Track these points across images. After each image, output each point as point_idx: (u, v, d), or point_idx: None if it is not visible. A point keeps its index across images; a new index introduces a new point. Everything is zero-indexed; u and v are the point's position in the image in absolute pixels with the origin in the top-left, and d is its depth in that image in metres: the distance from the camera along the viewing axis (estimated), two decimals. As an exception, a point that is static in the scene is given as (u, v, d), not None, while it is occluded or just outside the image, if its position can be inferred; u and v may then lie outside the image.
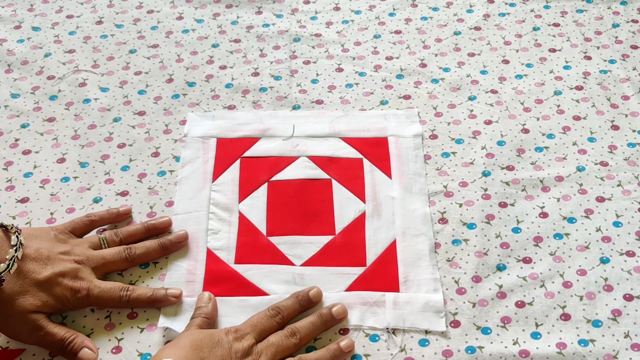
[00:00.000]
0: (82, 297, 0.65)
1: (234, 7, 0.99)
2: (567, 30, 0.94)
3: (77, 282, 0.65)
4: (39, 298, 0.63)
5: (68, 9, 0.98)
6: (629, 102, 0.85)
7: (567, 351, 0.64)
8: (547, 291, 0.68)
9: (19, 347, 0.65)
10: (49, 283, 0.63)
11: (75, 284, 0.64)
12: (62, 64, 0.91)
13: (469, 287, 0.69)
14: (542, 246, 0.72)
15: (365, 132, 0.82)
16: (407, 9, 0.98)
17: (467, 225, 0.74)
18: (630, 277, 0.69)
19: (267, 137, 0.82)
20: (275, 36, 0.94)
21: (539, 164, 0.79)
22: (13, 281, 0.62)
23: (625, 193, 0.76)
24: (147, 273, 0.70)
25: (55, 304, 0.64)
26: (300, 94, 0.87)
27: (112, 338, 0.65)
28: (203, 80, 0.89)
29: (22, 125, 0.83)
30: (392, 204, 0.75)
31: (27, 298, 0.62)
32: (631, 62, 0.90)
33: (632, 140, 0.81)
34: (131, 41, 0.94)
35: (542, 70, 0.89)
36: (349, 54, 0.92)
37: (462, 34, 0.94)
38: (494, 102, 0.85)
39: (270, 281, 0.69)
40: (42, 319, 0.63)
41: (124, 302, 0.66)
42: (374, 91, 0.87)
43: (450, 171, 0.78)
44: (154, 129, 0.83)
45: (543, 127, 0.83)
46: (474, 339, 0.65)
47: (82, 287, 0.65)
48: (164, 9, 0.98)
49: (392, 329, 0.66)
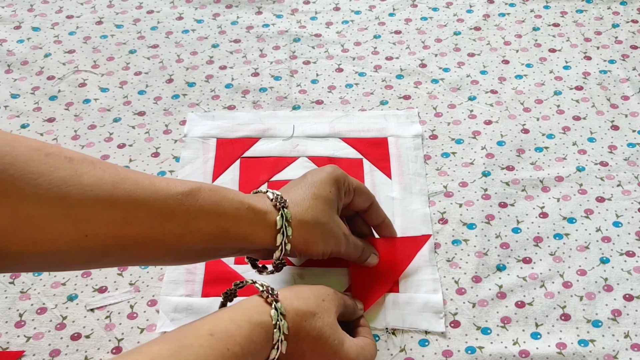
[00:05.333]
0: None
1: (234, 7, 0.99)
2: (567, 30, 0.94)
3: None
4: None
5: (68, 9, 0.98)
6: (629, 102, 0.85)
7: (567, 351, 0.64)
8: (547, 291, 0.68)
9: (20, 349, 0.65)
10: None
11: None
12: (62, 64, 0.91)
13: (468, 287, 0.69)
14: (542, 246, 0.72)
15: (365, 133, 0.82)
16: (407, 9, 0.98)
17: (467, 226, 0.73)
18: (630, 277, 0.69)
19: (267, 137, 0.82)
20: (275, 36, 0.94)
21: (539, 164, 0.79)
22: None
23: (625, 193, 0.76)
24: (147, 273, 0.70)
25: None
26: (300, 94, 0.87)
27: (112, 338, 0.65)
28: (203, 81, 0.89)
29: (22, 125, 0.83)
30: (392, 204, 0.75)
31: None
32: (631, 62, 0.90)
33: (632, 141, 0.81)
34: (131, 41, 0.94)
35: (542, 70, 0.89)
36: (349, 54, 0.92)
37: (462, 34, 0.94)
38: (494, 102, 0.85)
39: (270, 281, 0.69)
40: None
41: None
42: (374, 91, 0.87)
43: (450, 171, 0.78)
44: (154, 129, 0.83)
45: (543, 127, 0.83)
46: (474, 339, 0.65)
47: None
48: (164, 9, 0.98)
49: (392, 329, 0.66)
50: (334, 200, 0.64)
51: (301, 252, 0.62)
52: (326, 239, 0.63)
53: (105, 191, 0.52)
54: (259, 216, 0.59)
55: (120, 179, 0.53)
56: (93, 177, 0.52)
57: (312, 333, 0.56)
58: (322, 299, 0.59)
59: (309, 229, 0.61)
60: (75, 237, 0.51)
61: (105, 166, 0.54)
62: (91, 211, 0.51)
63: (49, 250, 0.51)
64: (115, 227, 0.52)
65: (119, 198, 0.52)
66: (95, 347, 0.65)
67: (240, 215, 0.58)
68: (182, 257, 0.58)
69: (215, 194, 0.58)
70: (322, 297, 0.59)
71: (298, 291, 0.59)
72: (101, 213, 0.52)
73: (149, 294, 0.69)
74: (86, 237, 0.51)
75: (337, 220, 0.64)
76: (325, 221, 0.62)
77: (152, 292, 0.69)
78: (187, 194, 0.56)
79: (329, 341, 0.56)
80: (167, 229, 0.55)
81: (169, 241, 0.55)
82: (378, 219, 0.69)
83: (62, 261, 0.53)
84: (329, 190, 0.64)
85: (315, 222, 0.62)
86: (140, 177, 0.55)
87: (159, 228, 0.54)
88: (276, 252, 0.60)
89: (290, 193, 0.63)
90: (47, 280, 0.69)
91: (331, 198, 0.64)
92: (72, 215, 0.51)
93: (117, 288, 0.69)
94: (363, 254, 0.67)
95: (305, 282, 0.69)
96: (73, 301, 0.68)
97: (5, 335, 0.65)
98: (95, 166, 0.53)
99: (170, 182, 0.56)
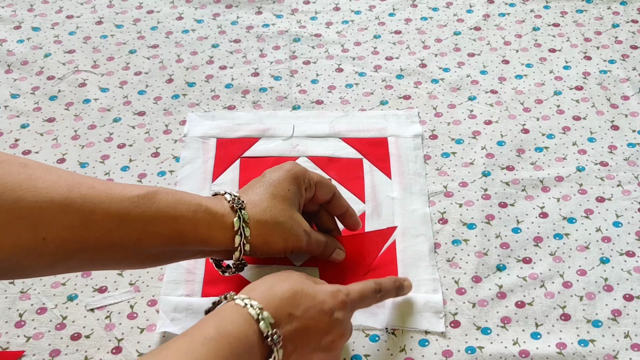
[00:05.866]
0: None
1: (234, 7, 0.99)
2: (567, 30, 0.94)
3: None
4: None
5: (68, 9, 0.98)
6: (629, 102, 0.85)
7: (567, 351, 0.64)
8: (547, 291, 0.68)
9: (20, 349, 0.65)
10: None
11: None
12: (62, 64, 0.91)
13: (468, 287, 0.69)
14: (542, 246, 0.72)
15: (365, 133, 0.82)
16: (407, 9, 0.98)
17: (467, 226, 0.73)
18: (630, 277, 0.69)
19: (267, 137, 0.82)
20: (275, 36, 0.94)
21: (539, 164, 0.79)
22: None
23: (625, 193, 0.76)
24: (147, 273, 0.70)
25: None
26: (300, 94, 0.87)
27: (112, 338, 0.65)
28: (203, 81, 0.89)
29: (22, 125, 0.83)
30: (392, 204, 0.75)
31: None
32: (631, 62, 0.90)
33: (632, 140, 0.81)
34: (131, 41, 0.94)
35: (542, 70, 0.89)
36: (348, 54, 0.92)
37: (462, 34, 0.94)
38: (494, 102, 0.85)
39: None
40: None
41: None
42: (374, 91, 0.87)
43: (450, 171, 0.78)
44: (154, 129, 0.83)
45: (543, 127, 0.83)
46: (474, 339, 0.65)
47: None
48: (164, 9, 0.98)
49: (392, 329, 0.66)
50: (292, 199, 0.64)
51: (262, 252, 0.63)
52: (286, 238, 0.63)
53: (60, 194, 0.52)
54: (216, 219, 0.60)
55: (76, 183, 0.54)
56: (48, 181, 0.53)
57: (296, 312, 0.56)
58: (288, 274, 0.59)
59: (268, 229, 0.62)
60: (33, 241, 0.51)
61: (61, 172, 0.55)
62: (47, 214, 0.52)
63: (7, 256, 0.51)
64: (74, 230, 0.53)
65: (74, 201, 0.53)
66: (95, 347, 0.65)
67: (197, 218, 0.59)
68: (143, 260, 0.59)
69: (171, 197, 0.58)
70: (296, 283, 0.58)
71: (269, 285, 0.58)
72: (57, 216, 0.52)
73: (149, 294, 0.68)
74: (44, 240, 0.52)
75: (297, 218, 0.64)
76: (283, 220, 0.63)
77: (152, 292, 0.69)
78: (143, 197, 0.56)
79: (312, 304, 0.57)
80: (125, 232, 0.55)
81: (127, 244, 0.56)
82: (341, 209, 0.69)
83: (24, 267, 0.53)
84: (288, 189, 0.64)
85: (274, 222, 0.62)
86: (95, 182, 0.55)
87: (116, 231, 0.55)
88: (235, 253, 0.61)
89: (248, 194, 0.64)
90: (47, 280, 0.69)
91: (289, 197, 0.64)
92: (28, 218, 0.51)
93: (117, 288, 0.69)
94: (326, 249, 0.67)
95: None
96: (73, 301, 0.68)
97: (5, 335, 0.65)
98: (50, 171, 0.54)
99: (127, 186, 0.57)
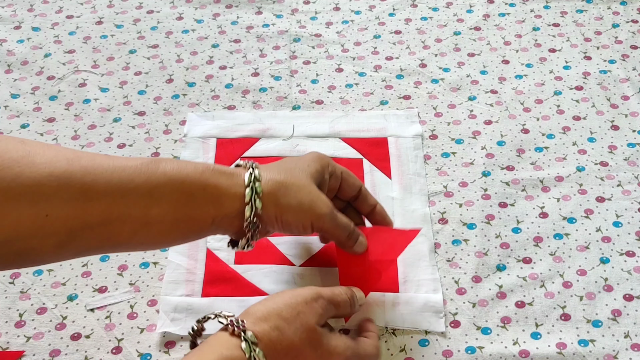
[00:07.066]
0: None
1: (234, 7, 0.99)
2: (567, 30, 0.94)
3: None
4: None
5: (68, 9, 0.98)
6: (629, 102, 0.85)
7: (567, 351, 0.64)
8: (547, 291, 0.68)
9: (20, 349, 0.65)
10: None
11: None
12: (62, 64, 0.91)
13: (469, 287, 0.69)
14: (542, 246, 0.72)
15: (365, 133, 0.82)
16: (407, 9, 0.98)
17: (467, 226, 0.73)
18: (630, 277, 0.69)
19: (267, 137, 0.82)
20: (275, 36, 0.94)
21: (539, 164, 0.79)
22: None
23: (625, 193, 0.76)
24: (147, 273, 0.70)
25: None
26: (300, 94, 0.87)
27: (112, 338, 0.65)
28: (203, 81, 0.89)
29: (22, 125, 0.83)
30: (392, 204, 0.75)
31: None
32: (631, 62, 0.90)
33: (632, 140, 0.81)
34: (131, 41, 0.94)
35: (542, 70, 0.89)
36: (349, 54, 0.92)
37: (462, 34, 0.94)
38: (494, 102, 0.85)
39: (270, 281, 0.69)
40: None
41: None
42: (374, 91, 0.87)
43: (450, 171, 0.78)
44: (154, 129, 0.83)
45: (543, 127, 0.83)
46: (474, 339, 0.65)
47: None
48: (164, 9, 0.98)
49: (392, 329, 0.66)
50: (312, 173, 0.60)
51: (276, 216, 0.58)
52: (301, 203, 0.58)
53: (59, 168, 0.51)
54: (226, 177, 0.57)
55: (75, 157, 0.52)
56: (47, 156, 0.51)
57: (290, 353, 0.53)
58: (297, 312, 0.54)
59: (282, 187, 0.58)
60: (36, 219, 0.50)
61: (60, 148, 0.53)
62: (47, 189, 0.50)
63: (11, 237, 0.49)
64: (75, 204, 0.51)
65: (74, 173, 0.51)
66: (95, 347, 0.65)
67: (205, 178, 0.56)
68: (154, 236, 0.55)
69: (177, 162, 0.56)
70: (298, 308, 0.55)
71: (269, 306, 0.55)
72: (58, 190, 0.50)
73: (149, 294, 0.68)
74: (47, 217, 0.50)
75: (317, 190, 0.60)
76: (300, 184, 0.59)
77: (152, 292, 0.69)
78: (147, 164, 0.54)
79: (310, 348, 0.54)
80: (129, 200, 0.53)
81: (134, 214, 0.53)
82: (369, 206, 0.66)
83: (30, 249, 0.51)
84: (308, 165, 0.61)
85: (288, 182, 0.58)
86: (96, 155, 0.54)
87: (120, 200, 0.52)
88: (246, 209, 0.56)
89: (266, 165, 0.61)
90: (47, 280, 0.69)
91: (309, 170, 0.60)
92: (28, 195, 0.49)
93: (117, 288, 0.69)
94: (351, 235, 0.63)
95: (305, 282, 0.69)
96: (73, 301, 0.68)
97: (5, 335, 0.65)
98: (49, 147, 0.52)
99: (129, 158, 0.55)
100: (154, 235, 0.55)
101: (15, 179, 0.49)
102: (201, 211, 0.56)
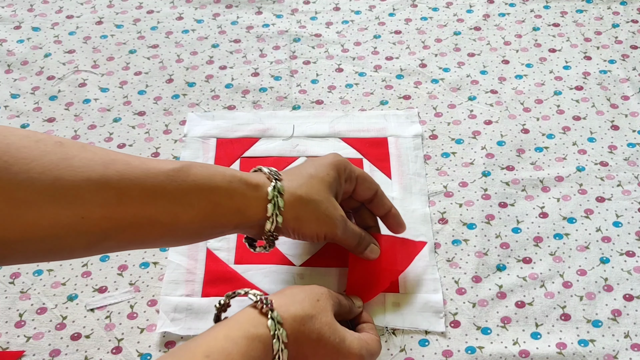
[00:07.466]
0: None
1: (234, 7, 0.99)
2: (567, 30, 0.94)
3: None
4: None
5: (68, 9, 0.98)
6: (629, 102, 0.85)
7: (567, 351, 0.64)
8: (547, 291, 0.68)
9: (20, 349, 0.65)
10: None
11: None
12: (62, 64, 0.91)
13: (469, 287, 0.69)
14: (542, 246, 0.72)
15: (365, 133, 0.82)
16: (407, 9, 0.98)
17: (467, 226, 0.73)
18: (630, 277, 0.69)
19: (267, 137, 0.82)
20: (275, 36, 0.94)
21: (539, 164, 0.79)
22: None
23: (625, 193, 0.76)
24: (147, 273, 0.70)
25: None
26: (300, 94, 0.87)
27: (112, 338, 0.65)
28: (203, 81, 0.89)
29: (22, 125, 0.83)
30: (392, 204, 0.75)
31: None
32: (631, 62, 0.90)
33: (632, 140, 0.81)
34: (131, 41, 0.94)
35: (542, 70, 0.89)
36: (348, 54, 0.92)
37: (462, 34, 0.94)
38: (494, 102, 0.85)
39: (270, 281, 0.69)
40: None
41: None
42: (374, 91, 0.87)
43: (450, 171, 0.78)
44: (154, 129, 0.83)
45: (543, 127, 0.83)
46: (474, 339, 0.65)
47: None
48: (164, 9, 0.98)
49: (392, 329, 0.66)
50: (331, 183, 0.63)
51: (294, 229, 0.62)
52: (319, 217, 0.62)
53: (96, 172, 0.53)
54: (252, 188, 0.59)
55: (111, 160, 0.54)
56: (84, 159, 0.53)
57: (312, 336, 0.55)
58: (316, 299, 0.58)
59: (302, 203, 0.61)
60: (72, 220, 0.52)
61: (95, 149, 0.55)
62: (84, 192, 0.52)
63: (47, 235, 0.51)
64: (110, 207, 0.53)
65: (111, 178, 0.53)
66: (95, 347, 0.65)
67: (232, 188, 0.58)
68: (180, 238, 0.59)
69: (206, 170, 0.58)
70: (317, 297, 0.58)
71: (291, 295, 0.58)
72: (94, 194, 0.52)
73: (149, 294, 0.69)
74: (82, 219, 0.52)
75: (334, 202, 0.63)
76: (319, 199, 0.62)
77: (152, 292, 0.69)
78: (178, 170, 0.56)
79: (330, 340, 0.56)
80: (160, 206, 0.55)
81: (163, 220, 0.55)
82: (384, 209, 0.68)
83: (63, 247, 0.53)
84: (327, 173, 0.64)
85: (309, 198, 0.61)
86: (130, 158, 0.55)
87: (152, 205, 0.55)
88: (267, 223, 0.60)
89: (287, 172, 0.64)
90: (47, 280, 0.69)
91: (328, 180, 0.63)
92: (66, 197, 0.51)
93: (117, 288, 0.69)
94: (362, 242, 0.66)
95: (305, 282, 0.69)
96: (73, 301, 0.68)
97: (5, 335, 0.66)
98: (86, 149, 0.54)
99: (161, 161, 0.57)
100: (179, 238, 0.59)
101: (55, 182, 0.51)
102: (226, 219, 0.59)
